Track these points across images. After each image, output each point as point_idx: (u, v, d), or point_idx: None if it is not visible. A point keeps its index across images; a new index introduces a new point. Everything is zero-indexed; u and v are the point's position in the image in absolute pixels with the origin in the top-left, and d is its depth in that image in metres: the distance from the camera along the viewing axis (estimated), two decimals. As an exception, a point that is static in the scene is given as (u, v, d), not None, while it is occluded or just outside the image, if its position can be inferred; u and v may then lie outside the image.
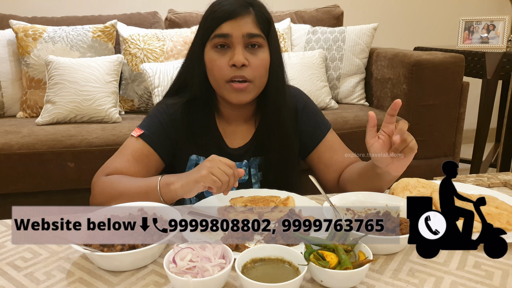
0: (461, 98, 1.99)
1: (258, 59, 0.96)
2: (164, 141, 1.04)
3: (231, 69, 0.95)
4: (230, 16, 0.93)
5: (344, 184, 1.04)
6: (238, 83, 0.95)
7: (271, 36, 0.99)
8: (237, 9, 0.94)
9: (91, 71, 1.92)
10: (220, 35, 0.94)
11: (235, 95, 0.97)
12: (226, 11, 0.94)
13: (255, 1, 0.98)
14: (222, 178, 0.82)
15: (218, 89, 1.00)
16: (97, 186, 0.96)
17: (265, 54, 0.98)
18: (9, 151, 1.62)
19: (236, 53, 0.94)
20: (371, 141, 0.85)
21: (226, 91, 0.97)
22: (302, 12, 2.49)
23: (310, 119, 1.11)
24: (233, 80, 0.95)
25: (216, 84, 0.99)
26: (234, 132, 1.09)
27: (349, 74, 2.24)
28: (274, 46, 1.00)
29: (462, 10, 3.11)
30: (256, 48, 0.96)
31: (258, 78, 0.97)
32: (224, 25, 0.94)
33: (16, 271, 0.69)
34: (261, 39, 0.96)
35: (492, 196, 0.90)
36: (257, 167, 1.09)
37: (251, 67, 0.95)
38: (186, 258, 0.63)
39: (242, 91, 0.96)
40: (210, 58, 0.97)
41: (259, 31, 0.96)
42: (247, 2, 0.96)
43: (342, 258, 0.62)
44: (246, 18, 0.94)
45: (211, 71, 0.97)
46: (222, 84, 0.97)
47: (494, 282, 0.65)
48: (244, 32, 0.94)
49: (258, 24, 0.96)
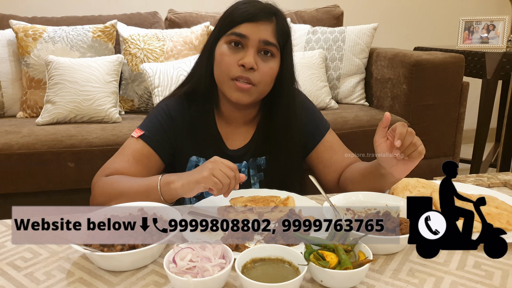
0: (461, 98, 1.99)
1: (267, 66, 0.97)
2: (164, 142, 1.04)
3: (239, 68, 0.95)
4: (252, 18, 0.94)
5: (345, 184, 1.04)
6: (243, 83, 0.96)
7: (286, 49, 1.00)
8: (261, 14, 0.94)
9: (91, 71, 1.92)
10: (237, 33, 0.95)
11: (236, 94, 0.97)
12: (249, 12, 0.94)
13: (279, 12, 0.99)
14: (223, 180, 0.82)
15: (220, 84, 1.00)
16: (98, 186, 0.96)
17: (275, 64, 0.98)
18: (9, 151, 1.62)
19: (248, 54, 0.94)
20: (379, 141, 0.85)
21: (228, 88, 0.97)
22: (302, 12, 2.49)
23: (309, 119, 1.11)
24: (238, 79, 0.96)
25: (220, 78, 0.99)
26: (233, 133, 1.09)
27: (349, 74, 2.24)
28: (287, 59, 1.01)
29: (462, 10, 3.11)
30: (268, 56, 0.97)
31: (262, 84, 0.98)
32: (244, 26, 0.94)
33: (16, 271, 0.69)
34: (275, 48, 0.97)
35: (492, 196, 0.90)
36: (256, 168, 1.09)
37: (258, 72, 0.96)
38: (186, 258, 0.63)
39: (244, 91, 0.96)
40: (221, 52, 0.97)
41: (275, 41, 0.96)
42: (272, 10, 0.97)
43: (342, 258, 0.62)
44: (267, 25, 0.95)
45: (219, 64, 0.98)
46: (226, 79, 0.97)
47: (494, 282, 0.65)
48: (261, 37, 0.94)
49: (277, 35, 0.96)
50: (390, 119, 0.84)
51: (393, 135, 0.82)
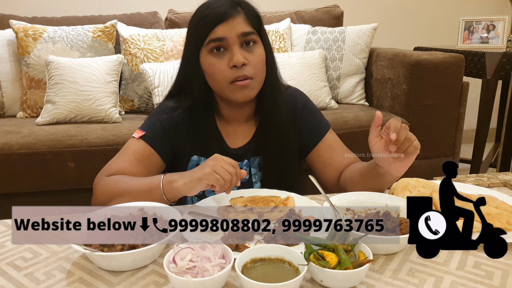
0: (461, 98, 1.99)
1: (255, 55, 0.97)
2: (165, 142, 1.04)
3: (232, 70, 0.95)
4: (222, 18, 0.94)
5: (344, 184, 1.04)
6: (241, 81, 0.96)
7: (262, 31, 1.01)
8: (228, 10, 0.94)
9: (91, 71, 1.92)
10: (215, 39, 0.94)
11: (240, 93, 0.97)
12: (216, 14, 0.94)
13: (241, 0, 0.98)
14: (225, 177, 0.82)
15: (221, 92, 1.00)
16: (100, 186, 0.96)
17: (261, 49, 0.99)
18: (9, 151, 1.62)
19: (234, 54, 0.94)
20: (373, 140, 0.85)
21: (230, 92, 0.98)
22: (302, 12, 2.49)
23: (309, 119, 1.11)
24: (236, 80, 0.96)
25: (218, 87, 0.99)
26: (234, 132, 1.09)
27: (349, 74, 2.24)
28: (266, 40, 1.02)
29: (462, 10, 3.11)
30: (251, 46, 0.97)
31: (258, 74, 0.98)
32: (217, 29, 0.94)
33: (16, 271, 0.69)
34: (254, 35, 0.97)
35: (492, 196, 0.90)
36: (258, 167, 1.09)
37: (250, 65, 0.96)
38: (186, 258, 0.63)
39: (246, 87, 0.97)
40: (209, 63, 0.97)
41: (251, 28, 0.97)
42: (234, 2, 0.97)
43: (342, 258, 0.62)
44: (238, 18, 0.95)
45: (212, 75, 0.98)
46: (225, 85, 0.97)
47: (494, 282, 0.65)
48: (238, 32, 0.94)
49: (250, 22, 0.97)
50: (382, 117, 0.84)
51: (387, 133, 0.82)
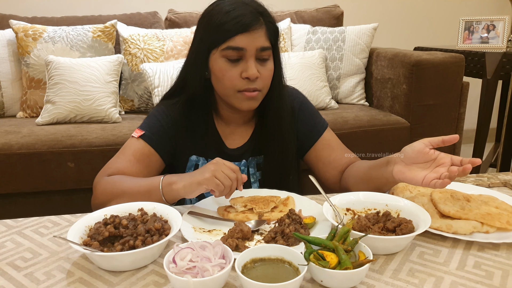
0: (461, 98, 1.99)
1: (267, 69, 0.97)
2: (165, 142, 1.04)
3: (244, 81, 0.95)
4: (245, 29, 0.92)
5: (346, 182, 1.04)
6: (250, 92, 0.96)
7: (277, 46, 1.00)
8: (251, 22, 0.92)
9: (91, 71, 1.92)
10: (234, 47, 0.93)
11: (245, 103, 0.97)
12: (240, 23, 0.92)
13: (264, 11, 0.97)
14: (225, 182, 0.82)
15: (225, 97, 1.00)
16: (100, 186, 0.96)
17: (271, 64, 0.99)
18: (9, 151, 1.62)
19: (249, 66, 0.93)
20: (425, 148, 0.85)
21: (236, 99, 0.97)
22: (302, 12, 2.49)
23: (307, 118, 1.12)
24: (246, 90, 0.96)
25: (224, 92, 0.99)
26: (233, 132, 1.09)
27: (349, 74, 2.24)
28: (278, 53, 1.01)
29: (462, 10, 3.11)
30: (265, 60, 0.97)
31: (265, 87, 0.99)
32: (238, 38, 0.92)
33: (16, 271, 0.69)
34: (270, 51, 0.97)
35: (492, 196, 0.90)
36: (256, 167, 1.09)
37: (261, 78, 0.96)
38: (186, 258, 0.63)
39: (253, 99, 0.97)
40: (220, 68, 0.95)
41: (269, 43, 0.96)
42: (258, 11, 0.95)
43: (342, 258, 0.62)
44: (259, 31, 0.94)
45: (221, 80, 0.97)
46: (232, 92, 0.97)
47: (494, 282, 0.65)
48: (258, 46, 0.93)
49: (269, 36, 0.96)
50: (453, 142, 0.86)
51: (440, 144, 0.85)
